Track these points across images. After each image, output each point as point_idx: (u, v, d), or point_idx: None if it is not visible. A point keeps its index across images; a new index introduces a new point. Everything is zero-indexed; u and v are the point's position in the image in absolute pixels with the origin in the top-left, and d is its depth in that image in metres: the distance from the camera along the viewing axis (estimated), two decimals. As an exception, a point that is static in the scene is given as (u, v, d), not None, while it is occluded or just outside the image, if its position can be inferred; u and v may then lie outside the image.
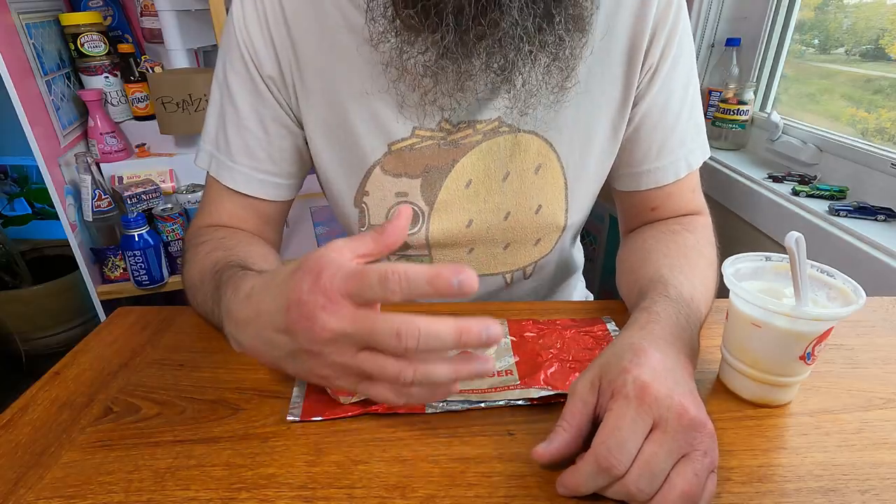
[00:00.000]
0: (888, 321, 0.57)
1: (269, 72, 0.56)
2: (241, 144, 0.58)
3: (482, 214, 0.60)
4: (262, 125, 0.58)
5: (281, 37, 0.55)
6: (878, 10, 1.08)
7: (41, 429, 0.42)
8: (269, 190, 0.60)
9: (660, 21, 0.54)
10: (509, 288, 0.67)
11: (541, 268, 0.66)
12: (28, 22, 1.17)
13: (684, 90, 0.58)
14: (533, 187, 0.59)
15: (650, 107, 0.58)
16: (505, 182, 0.59)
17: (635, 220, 0.65)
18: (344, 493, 0.36)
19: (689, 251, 0.54)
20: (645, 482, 0.33)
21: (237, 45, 0.55)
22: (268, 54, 0.55)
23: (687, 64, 0.58)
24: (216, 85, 0.59)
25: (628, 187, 0.63)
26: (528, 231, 0.62)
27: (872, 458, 0.39)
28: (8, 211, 1.79)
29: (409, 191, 0.59)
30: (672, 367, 0.37)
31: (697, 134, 0.60)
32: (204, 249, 0.52)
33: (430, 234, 0.61)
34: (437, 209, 0.59)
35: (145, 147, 1.35)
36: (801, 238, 0.39)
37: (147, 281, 1.23)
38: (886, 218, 0.88)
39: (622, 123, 0.58)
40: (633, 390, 0.34)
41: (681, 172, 0.60)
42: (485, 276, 0.65)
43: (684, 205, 0.62)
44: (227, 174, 0.59)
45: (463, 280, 0.31)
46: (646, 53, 0.55)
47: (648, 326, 0.41)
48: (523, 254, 0.64)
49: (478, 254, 0.63)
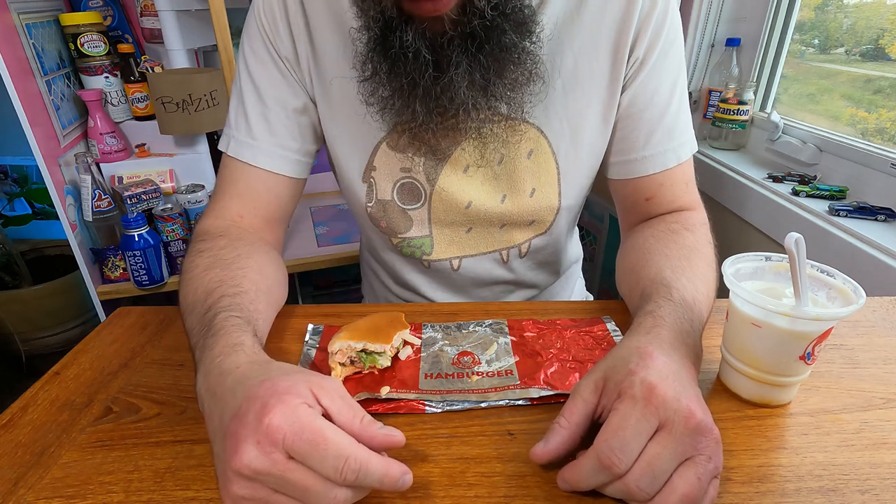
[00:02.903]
0: (888, 321, 0.57)
1: (286, 53, 0.60)
2: (262, 122, 0.61)
3: (480, 196, 0.63)
4: (281, 102, 0.61)
5: (297, 22, 0.59)
6: (878, 10, 1.08)
7: (41, 429, 0.42)
8: (287, 165, 0.62)
9: (646, 18, 0.57)
10: (507, 266, 0.69)
11: (536, 248, 0.69)
12: (28, 22, 1.17)
13: (672, 85, 0.60)
14: (526, 171, 0.62)
15: (637, 94, 0.60)
16: (500, 166, 0.62)
17: (633, 214, 0.66)
18: (344, 493, 0.36)
19: (689, 252, 0.54)
20: (646, 482, 0.33)
21: (258, 29, 0.60)
22: (286, 37, 0.60)
23: (675, 61, 0.60)
24: (238, 72, 0.63)
25: (620, 175, 0.64)
26: (523, 213, 0.64)
27: (872, 458, 0.39)
28: (8, 211, 1.79)
29: (413, 167, 0.62)
30: (678, 371, 0.37)
31: (685, 129, 0.63)
32: (202, 263, 0.52)
33: (432, 210, 0.64)
34: (438, 191, 0.63)
35: (145, 147, 1.35)
36: (801, 239, 0.39)
37: (147, 281, 1.23)
38: (886, 218, 0.88)
39: (611, 112, 0.61)
40: (641, 391, 0.34)
41: (669, 163, 0.61)
42: (482, 254, 0.68)
43: (678, 197, 0.63)
44: (248, 151, 0.61)
45: (405, 481, 0.33)
46: (632, 47, 0.58)
47: (654, 331, 0.41)
48: (518, 232, 0.67)
49: (475, 233, 0.67)
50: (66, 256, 1.63)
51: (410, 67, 0.50)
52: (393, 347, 0.48)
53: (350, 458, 0.31)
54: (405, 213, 0.65)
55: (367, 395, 0.44)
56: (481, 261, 0.68)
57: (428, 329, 0.54)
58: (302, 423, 0.32)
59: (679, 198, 0.63)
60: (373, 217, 0.66)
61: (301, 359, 0.50)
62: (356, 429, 0.34)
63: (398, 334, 0.49)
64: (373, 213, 0.65)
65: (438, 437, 0.41)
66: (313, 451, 0.31)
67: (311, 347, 0.52)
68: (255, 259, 0.54)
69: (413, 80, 0.51)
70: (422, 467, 0.38)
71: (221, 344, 0.40)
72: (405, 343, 0.51)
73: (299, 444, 0.31)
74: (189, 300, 0.48)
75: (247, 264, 0.52)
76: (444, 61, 0.50)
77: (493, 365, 0.49)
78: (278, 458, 0.31)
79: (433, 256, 0.68)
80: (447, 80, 0.50)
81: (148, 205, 1.27)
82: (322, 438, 0.31)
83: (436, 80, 0.51)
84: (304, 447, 0.31)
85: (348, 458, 0.31)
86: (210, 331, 0.42)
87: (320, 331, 0.54)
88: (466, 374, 0.47)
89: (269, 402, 0.32)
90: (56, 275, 1.61)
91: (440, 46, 0.49)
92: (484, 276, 0.70)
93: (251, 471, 0.31)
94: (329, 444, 0.31)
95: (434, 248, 0.67)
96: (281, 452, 0.31)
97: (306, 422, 0.32)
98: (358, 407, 0.35)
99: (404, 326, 0.51)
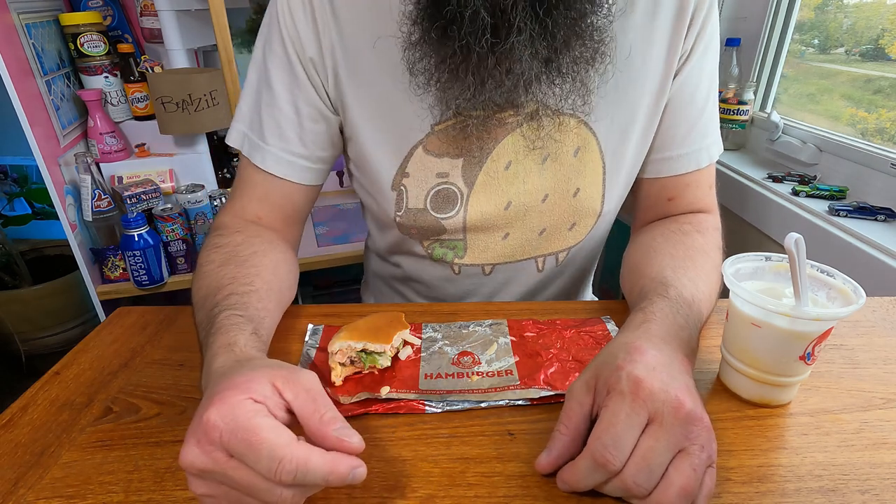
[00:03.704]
0: (888, 321, 0.57)
1: (310, 53, 0.56)
2: (272, 125, 0.59)
3: (520, 196, 0.60)
4: (295, 107, 0.59)
5: (325, 18, 0.55)
6: (878, 10, 1.08)
7: (41, 429, 0.42)
8: (296, 172, 0.61)
9: (698, 7, 0.56)
10: (541, 275, 0.67)
11: (572, 257, 0.67)
12: (28, 22, 1.17)
13: (710, 82, 0.60)
14: (572, 170, 0.60)
15: (681, 89, 0.59)
16: (544, 164, 0.59)
17: (651, 212, 0.66)
18: (344, 493, 0.36)
19: (695, 253, 0.54)
20: (642, 477, 0.33)
21: (278, 27, 0.56)
22: (310, 36, 0.56)
23: (714, 56, 0.59)
24: (253, 67, 0.60)
25: (653, 174, 0.63)
26: (565, 214, 0.62)
27: (872, 458, 0.39)
28: (8, 211, 1.79)
29: (451, 171, 0.59)
30: (667, 362, 0.36)
31: (717, 127, 0.62)
32: (217, 258, 0.52)
33: (468, 217, 0.61)
34: (476, 191, 0.60)
35: (145, 147, 1.35)
36: (801, 239, 0.39)
37: (147, 281, 1.23)
38: (886, 218, 0.88)
39: (659, 110, 0.59)
40: (628, 386, 0.34)
41: (702, 162, 0.61)
42: (518, 262, 0.65)
43: (700, 198, 0.63)
44: (259, 154, 0.60)
45: (357, 475, 0.31)
46: (686, 36, 0.56)
47: (643, 326, 0.41)
48: (557, 239, 0.64)
49: (512, 239, 0.63)
50: (65, 256, 1.62)
51: (466, 31, 0.45)
52: (393, 347, 0.48)
53: (284, 459, 0.30)
54: (438, 223, 0.61)
55: (367, 395, 0.44)
56: (516, 269, 0.66)
57: (428, 329, 0.54)
58: (238, 421, 0.30)
59: (700, 200, 0.63)
60: (402, 226, 0.63)
61: (301, 359, 0.50)
62: (312, 425, 0.32)
63: (398, 334, 0.49)
64: (402, 222, 0.62)
65: (438, 437, 0.41)
66: (248, 451, 0.30)
67: (311, 347, 0.52)
68: (270, 257, 0.54)
69: (467, 46, 0.46)
70: (422, 467, 0.38)
71: (218, 343, 0.40)
72: (405, 343, 0.51)
73: (235, 443, 0.30)
74: (201, 294, 0.48)
75: (261, 262, 0.52)
76: (503, 27, 0.45)
77: (493, 365, 0.49)
78: (219, 457, 0.31)
79: (465, 261, 0.65)
80: (507, 47, 0.46)
81: (148, 205, 1.27)
82: (256, 438, 0.30)
83: (493, 47, 0.46)
84: (238, 446, 0.30)
85: (282, 460, 0.30)
86: (212, 328, 0.42)
87: (320, 331, 0.54)
88: (466, 374, 0.47)
89: (213, 399, 0.32)
90: (56, 275, 1.61)
91: (502, 10, 0.44)
92: (514, 283, 0.67)
93: (196, 469, 0.31)
94: (262, 444, 0.30)
95: (467, 252, 0.64)
96: (221, 451, 0.31)
97: (242, 420, 0.30)
98: (324, 402, 0.33)
99: (404, 326, 0.51)
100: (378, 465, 0.38)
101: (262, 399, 0.32)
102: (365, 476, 0.32)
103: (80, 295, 1.63)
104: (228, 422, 0.30)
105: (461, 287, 0.68)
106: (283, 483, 0.30)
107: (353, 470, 0.31)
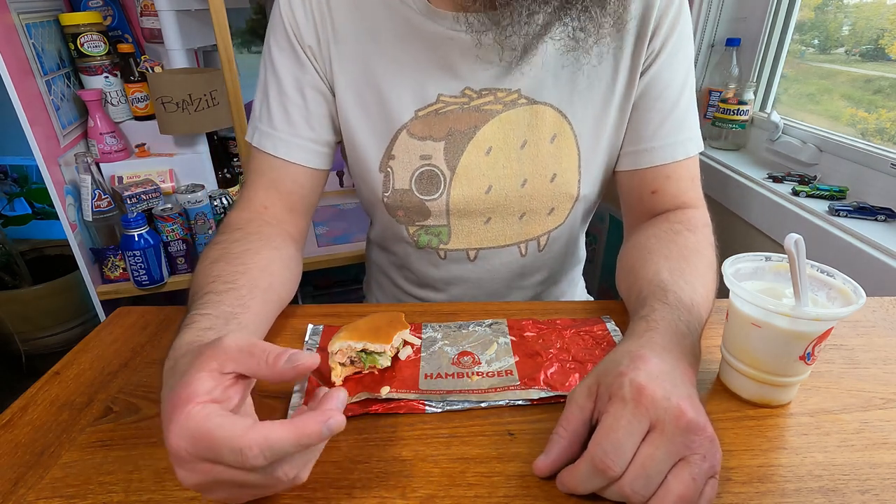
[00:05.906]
0: (888, 321, 0.57)
1: (309, 41, 0.61)
2: (280, 111, 0.62)
3: (501, 181, 0.64)
4: (301, 92, 0.62)
5: (321, 9, 0.60)
6: (878, 10, 1.08)
7: (41, 429, 0.42)
8: (304, 154, 0.63)
9: (664, 11, 0.59)
10: (525, 260, 0.70)
11: (553, 241, 0.69)
12: (28, 22, 1.17)
13: (683, 82, 0.62)
14: (548, 156, 0.63)
15: (650, 85, 0.62)
16: (522, 150, 0.63)
17: (638, 209, 0.67)
18: (344, 493, 0.36)
19: (689, 253, 0.54)
20: (640, 484, 0.33)
21: (281, 19, 0.61)
22: (307, 25, 0.61)
23: (686, 59, 0.62)
24: (262, 66, 0.64)
25: (629, 166, 0.65)
26: (543, 199, 0.65)
27: (872, 458, 0.39)
28: (8, 211, 1.79)
29: (434, 153, 0.63)
30: (670, 371, 0.37)
31: (693, 126, 0.64)
32: (212, 255, 0.53)
33: (451, 199, 0.64)
34: (459, 174, 0.63)
35: (145, 147, 1.35)
36: (801, 240, 0.39)
37: (147, 281, 1.23)
38: (886, 218, 0.88)
39: (629, 103, 0.63)
40: (630, 392, 0.34)
41: (678, 155, 0.63)
42: (501, 247, 0.68)
43: (683, 192, 0.64)
44: (269, 141, 0.63)
45: (332, 425, 0.31)
46: (650, 39, 0.60)
47: (647, 335, 0.41)
48: (537, 223, 0.67)
49: (494, 224, 0.67)
50: (65, 256, 1.62)
51: None
52: (393, 347, 0.48)
53: (244, 448, 0.30)
54: (423, 205, 0.65)
55: (367, 395, 0.44)
56: (500, 255, 0.69)
57: (428, 329, 0.54)
58: (191, 433, 0.31)
59: (684, 192, 0.64)
60: (390, 207, 0.66)
61: (301, 359, 0.50)
62: (264, 373, 0.33)
63: (398, 334, 0.49)
64: (389, 203, 0.66)
65: (438, 437, 0.41)
66: (215, 455, 0.30)
67: (310, 347, 0.52)
68: (263, 255, 0.54)
69: None
70: (422, 467, 0.38)
71: (178, 343, 0.40)
72: (405, 343, 0.51)
73: (202, 452, 0.31)
74: (191, 291, 0.49)
75: (251, 260, 0.52)
76: None
77: (493, 365, 0.49)
78: (202, 468, 0.31)
79: (450, 246, 0.68)
80: None
81: (148, 205, 1.27)
82: (214, 443, 0.30)
83: None
84: (206, 453, 0.31)
85: (242, 450, 0.30)
86: (181, 327, 0.42)
87: (320, 331, 0.54)
88: (466, 374, 0.47)
89: (167, 422, 0.32)
90: (56, 275, 1.61)
91: None
92: (500, 268, 0.70)
93: (193, 486, 0.32)
94: (220, 444, 0.30)
95: (451, 237, 0.67)
96: (198, 462, 0.31)
97: (195, 430, 0.31)
98: (261, 348, 0.33)
99: (404, 326, 0.51)
100: (378, 465, 0.38)
101: (206, 396, 0.32)
102: (343, 424, 0.31)
103: (80, 295, 1.63)
104: (186, 437, 0.31)
105: (448, 272, 0.70)
106: (258, 468, 0.31)
107: (325, 424, 0.31)
